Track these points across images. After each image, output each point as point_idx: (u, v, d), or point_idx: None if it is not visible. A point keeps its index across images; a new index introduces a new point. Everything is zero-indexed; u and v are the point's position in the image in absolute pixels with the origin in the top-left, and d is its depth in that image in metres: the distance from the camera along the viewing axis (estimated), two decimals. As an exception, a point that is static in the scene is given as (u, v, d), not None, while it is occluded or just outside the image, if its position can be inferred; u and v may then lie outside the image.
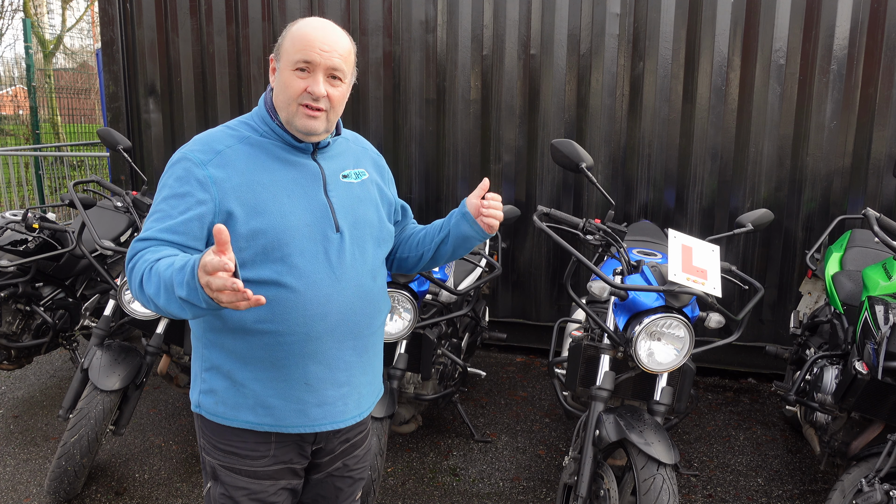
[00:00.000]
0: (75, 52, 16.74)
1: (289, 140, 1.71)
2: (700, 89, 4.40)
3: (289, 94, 1.66)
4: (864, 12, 4.13)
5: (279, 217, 1.64)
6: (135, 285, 1.54)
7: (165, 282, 1.43)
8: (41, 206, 5.60)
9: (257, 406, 1.71)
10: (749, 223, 2.80)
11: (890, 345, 2.43)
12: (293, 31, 1.68)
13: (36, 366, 4.67)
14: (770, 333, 4.56)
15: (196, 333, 1.78)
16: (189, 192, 1.61)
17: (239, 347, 1.69)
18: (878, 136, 4.21)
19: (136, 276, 1.54)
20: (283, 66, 1.67)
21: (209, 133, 1.73)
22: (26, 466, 3.44)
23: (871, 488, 2.27)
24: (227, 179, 1.63)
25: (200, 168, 1.63)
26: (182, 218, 1.60)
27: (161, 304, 1.47)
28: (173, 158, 1.69)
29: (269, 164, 1.68)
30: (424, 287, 3.23)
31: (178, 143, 5.41)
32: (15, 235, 3.76)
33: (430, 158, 4.94)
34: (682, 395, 2.59)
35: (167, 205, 1.63)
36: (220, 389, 1.73)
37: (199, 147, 1.68)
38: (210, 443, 1.78)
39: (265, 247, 1.62)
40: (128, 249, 1.65)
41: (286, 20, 5.00)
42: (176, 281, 1.40)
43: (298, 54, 1.64)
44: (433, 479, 3.39)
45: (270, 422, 1.73)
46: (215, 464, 1.78)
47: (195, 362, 1.81)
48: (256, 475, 1.76)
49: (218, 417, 1.74)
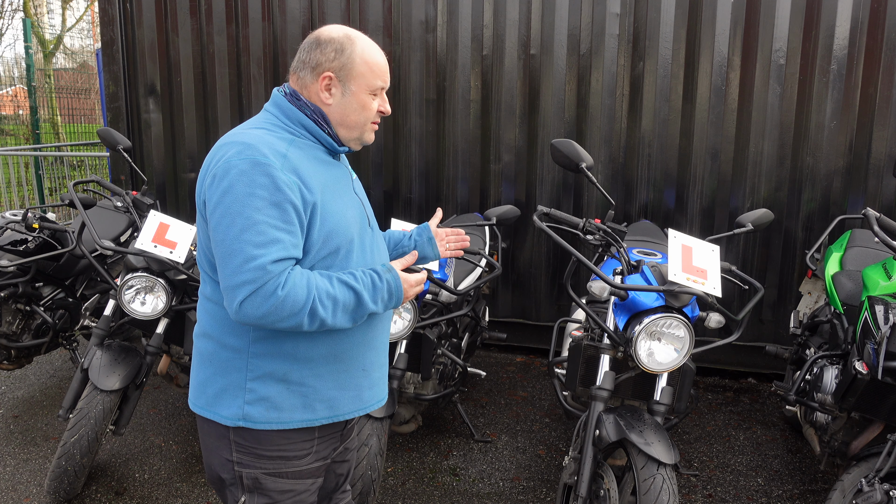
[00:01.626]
0: (75, 52, 16.75)
1: (330, 144, 1.76)
2: (700, 89, 4.40)
3: (367, 115, 1.77)
4: (864, 12, 4.13)
5: (342, 217, 1.71)
6: (297, 309, 1.57)
7: (347, 305, 1.65)
8: (41, 206, 5.60)
9: (315, 402, 1.74)
10: (749, 223, 2.80)
11: (890, 345, 2.43)
12: (366, 57, 1.73)
13: (36, 366, 4.67)
14: (770, 333, 4.56)
15: (234, 346, 1.71)
16: (285, 199, 1.58)
17: (301, 349, 1.70)
18: (878, 136, 4.21)
19: (298, 301, 1.57)
20: (359, 90, 1.74)
21: (257, 136, 1.64)
22: (26, 466, 3.44)
23: (871, 488, 2.27)
24: (302, 184, 1.62)
25: (282, 173, 1.59)
26: (294, 230, 1.60)
27: (331, 323, 1.64)
28: (242, 164, 1.58)
29: (318, 167, 1.71)
30: (424, 287, 3.23)
31: (178, 143, 5.41)
32: (15, 235, 3.76)
33: (430, 158, 4.94)
34: (682, 395, 2.59)
35: (266, 216, 1.56)
36: (272, 395, 1.70)
37: (266, 150, 1.60)
38: (252, 453, 1.74)
39: (338, 247, 1.70)
40: (248, 269, 1.54)
41: (286, 20, 5.01)
42: (368, 300, 1.68)
43: (378, 81, 1.76)
44: (433, 479, 3.39)
45: (328, 414, 1.77)
46: (258, 474, 1.74)
47: (226, 375, 1.72)
48: (301, 475, 1.78)
49: (270, 424, 1.71)
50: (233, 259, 1.56)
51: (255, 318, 1.56)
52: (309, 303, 1.58)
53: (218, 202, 1.58)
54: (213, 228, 1.60)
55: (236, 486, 1.78)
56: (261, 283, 1.54)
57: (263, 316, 1.55)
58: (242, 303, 1.55)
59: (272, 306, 1.54)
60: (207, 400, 1.75)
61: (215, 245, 1.60)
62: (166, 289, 3.14)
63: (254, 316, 1.56)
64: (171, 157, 5.44)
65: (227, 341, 1.72)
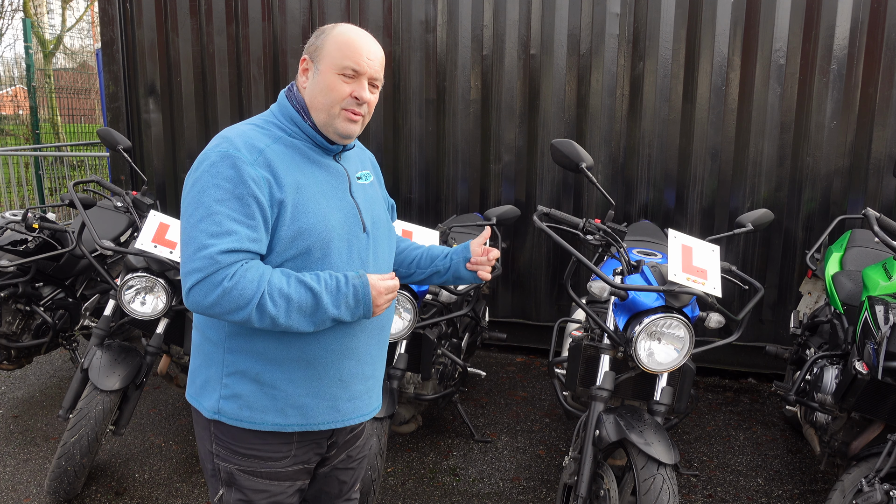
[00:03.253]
0: (75, 52, 16.75)
1: (320, 142, 1.73)
2: (700, 89, 4.40)
3: (333, 97, 1.68)
4: (864, 12, 4.13)
5: (321, 218, 1.66)
6: (244, 302, 1.54)
7: (303, 305, 1.59)
8: (41, 206, 5.60)
9: (287, 407, 1.71)
10: (749, 223, 2.80)
11: (890, 345, 2.43)
12: (337, 36, 1.69)
13: (36, 366, 4.67)
14: (770, 333, 4.56)
15: (213, 339, 1.73)
16: (248, 193, 1.57)
17: (272, 349, 1.69)
18: (878, 136, 4.21)
19: (245, 294, 1.54)
20: (326, 69, 1.68)
21: (240, 131, 1.66)
22: (26, 466, 3.44)
23: (871, 488, 2.27)
24: (274, 180, 1.62)
25: (251, 167, 1.59)
26: (254, 224, 1.58)
27: (284, 322, 1.58)
28: (212, 157, 1.60)
29: (304, 166, 1.69)
30: (424, 287, 3.24)
31: (178, 143, 5.41)
32: (15, 235, 3.75)
33: (430, 158, 4.94)
34: (682, 395, 2.59)
35: (226, 207, 1.56)
36: (245, 394, 1.70)
37: (241, 144, 1.61)
38: (228, 448, 1.75)
39: (309, 247, 1.65)
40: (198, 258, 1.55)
41: (286, 20, 5.01)
42: (328, 303, 1.61)
43: (347, 60, 1.67)
44: (433, 479, 3.39)
45: (300, 421, 1.73)
46: (233, 469, 1.75)
47: (209, 368, 1.75)
48: (277, 476, 1.77)
49: (242, 422, 1.71)
50: (188, 247, 1.58)
51: (203, 308, 1.57)
52: (256, 297, 1.55)
53: (188, 191, 1.62)
54: (181, 216, 1.63)
55: (216, 478, 1.80)
56: (208, 272, 1.54)
57: (210, 305, 1.56)
58: (191, 290, 1.57)
59: (218, 296, 1.54)
60: (195, 389, 1.79)
61: (180, 232, 1.63)
62: (166, 289, 3.14)
63: (201, 305, 1.57)
64: (171, 157, 5.44)
65: (208, 333, 1.74)
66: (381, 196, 1.93)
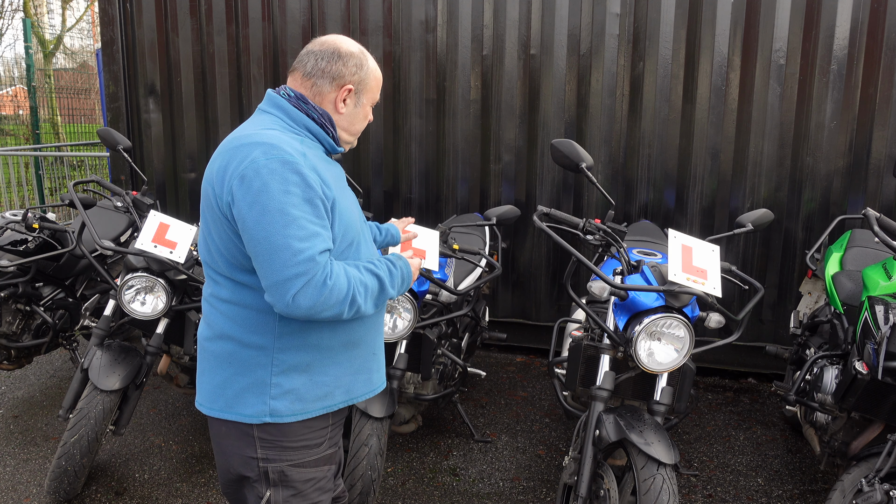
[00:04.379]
0: (75, 52, 16.75)
1: (331, 145, 1.86)
2: (700, 89, 4.40)
3: (364, 124, 1.94)
4: (864, 12, 4.13)
5: (349, 212, 1.80)
6: (341, 297, 1.66)
7: (374, 291, 1.76)
8: (41, 206, 5.60)
9: (335, 389, 1.82)
10: (749, 223, 2.80)
11: (890, 345, 2.43)
12: (374, 72, 1.89)
13: (36, 366, 4.67)
14: (770, 333, 4.56)
15: (258, 344, 1.74)
16: (316, 195, 1.67)
17: (325, 338, 1.78)
18: (878, 136, 4.21)
19: (342, 289, 1.66)
20: (367, 102, 1.90)
21: (276, 136, 1.69)
22: (26, 466, 3.44)
23: (871, 488, 2.27)
24: (322, 181, 1.71)
25: (309, 171, 1.66)
26: (326, 223, 1.69)
27: (363, 309, 1.74)
28: (273, 164, 1.62)
29: (325, 166, 1.79)
30: (424, 287, 3.23)
31: (178, 143, 5.41)
32: (15, 235, 3.75)
33: (430, 158, 4.94)
34: (682, 395, 2.59)
35: (301, 212, 1.62)
36: (298, 387, 1.76)
37: (290, 149, 1.66)
38: (277, 447, 1.78)
39: (352, 239, 1.80)
40: (298, 262, 1.60)
41: (286, 20, 5.01)
42: (388, 284, 1.81)
43: (378, 95, 1.93)
44: (433, 479, 3.39)
45: (344, 398, 1.85)
46: (283, 466, 1.78)
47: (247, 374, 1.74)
48: (319, 462, 1.84)
49: (295, 415, 1.77)
50: (280, 254, 1.59)
51: (306, 310, 1.62)
52: (350, 291, 1.68)
53: (253, 202, 1.61)
54: (252, 227, 1.61)
55: (260, 483, 1.80)
56: (311, 274, 1.60)
57: (313, 306, 1.62)
58: (295, 295, 1.60)
59: (322, 296, 1.62)
60: (227, 401, 1.77)
61: (255, 243, 1.62)
62: (166, 289, 3.14)
63: (305, 307, 1.61)
64: (171, 157, 5.44)
65: (250, 340, 1.75)
66: None
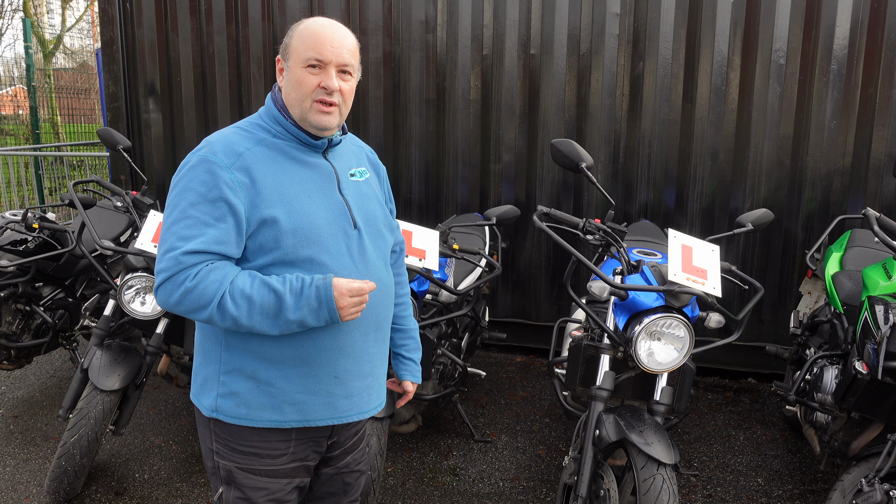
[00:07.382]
0: (75, 52, 16.75)
1: (304, 138, 1.75)
2: (700, 89, 4.40)
3: (302, 90, 1.70)
4: (864, 12, 4.12)
5: (305, 217, 1.68)
6: (205, 302, 1.60)
7: (266, 307, 1.60)
8: (41, 206, 5.61)
9: (284, 404, 1.73)
10: (749, 223, 2.80)
11: (890, 345, 2.43)
12: (301, 31, 1.72)
13: (36, 366, 4.67)
14: (770, 333, 4.56)
15: (212, 337, 1.76)
16: (220, 196, 1.62)
17: (267, 348, 1.71)
18: (878, 136, 4.21)
19: (206, 294, 1.59)
20: (294, 64, 1.71)
21: (223, 135, 1.71)
22: (26, 466, 3.44)
23: (871, 488, 2.27)
24: (253, 183, 1.65)
25: (226, 171, 1.63)
26: (223, 226, 1.62)
27: (246, 323, 1.61)
28: (192, 161, 1.66)
29: (288, 166, 1.71)
30: (424, 287, 3.23)
31: (178, 143, 5.41)
32: (15, 235, 3.75)
33: (430, 158, 4.94)
34: (682, 395, 2.59)
35: (198, 211, 1.61)
36: (242, 391, 1.72)
37: (219, 149, 1.66)
38: (226, 446, 1.77)
39: (294, 245, 1.67)
40: (166, 258, 1.61)
41: (286, 20, 5.01)
42: (290, 305, 1.61)
43: (310, 52, 1.69)
44: (433, 479, 3.39)
45: (297, 417, 1.75)
46: (231, 467, 1.77)
47: (208, 366, 1.77)
48: (275, 474, 1.78)
49: (240, 419, 1.73)
50: (160, 247, 1.65)
51: (169, 306, 1.63)
52: (217, 297, 1.59)
53: (169, 193, 1.70)
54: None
55: (216, 476, 1.81)
56: (172, 272, 1.60)
57: (175, 304, 1.62)
58: (158, 288, 1.64)
59: (180, 295, 1.60)
60: (197, 387, 1.82)
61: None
62: (166, 289, 3.13)
63: (167, 303, 1.64)
64: (171, 157, 5.44)
65: (210, 333, 1.77)
66: (376, 193, 1.91)
